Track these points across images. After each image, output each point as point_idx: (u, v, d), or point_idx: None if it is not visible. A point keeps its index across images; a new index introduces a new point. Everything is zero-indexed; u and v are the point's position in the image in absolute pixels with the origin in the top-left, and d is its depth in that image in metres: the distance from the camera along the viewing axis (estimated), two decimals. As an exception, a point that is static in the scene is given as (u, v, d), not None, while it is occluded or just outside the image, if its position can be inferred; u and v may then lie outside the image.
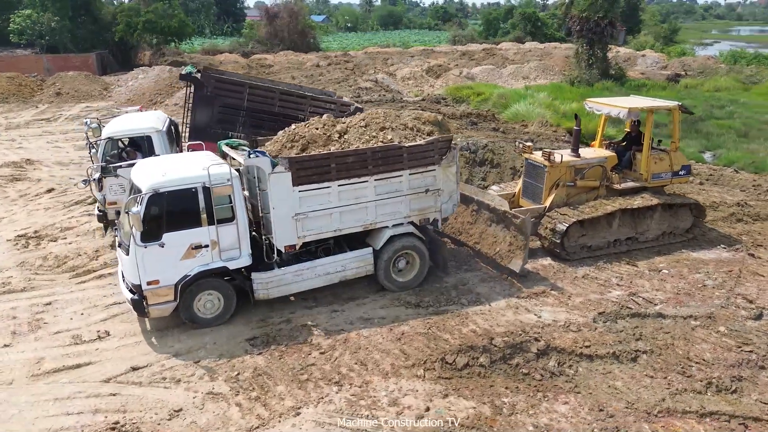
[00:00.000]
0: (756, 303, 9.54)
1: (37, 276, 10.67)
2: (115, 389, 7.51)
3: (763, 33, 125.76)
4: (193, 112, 12.22)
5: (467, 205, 11.28)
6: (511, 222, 10.26)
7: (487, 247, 10.71)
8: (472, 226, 11.18)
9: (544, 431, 6.72)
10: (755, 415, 6.89)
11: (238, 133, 12.50)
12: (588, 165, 11.67)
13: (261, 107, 13.06)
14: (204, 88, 12.70)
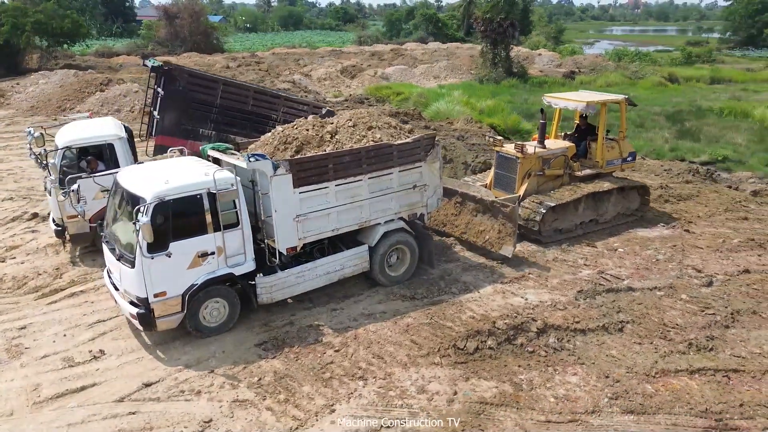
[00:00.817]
0: (704, 272, 10.80)
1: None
2: (133, 407, 7.20)
3: (633, 32, 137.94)
4: (162, 107, 11.67)
5: (450, 197, 11.80)
6: (500, 211, 10.90)
7: (475, 236, 11.31)
8: (457, 218, 11.76)
9: (564, 401, 7.31)
10: (733, 368, 7.90)
11: (209, 130, 12.14)
12: (554, 155, 12.61)
13: (234, 105, 12.77)
14: (176, 82, 12.21)
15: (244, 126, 12.34)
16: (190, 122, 12.14)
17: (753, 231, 12.90)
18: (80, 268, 10.96)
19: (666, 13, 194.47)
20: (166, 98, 11.77)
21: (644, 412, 7.06)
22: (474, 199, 11.50)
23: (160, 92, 11.97)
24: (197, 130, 11.93)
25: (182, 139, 11.39)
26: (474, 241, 11.37)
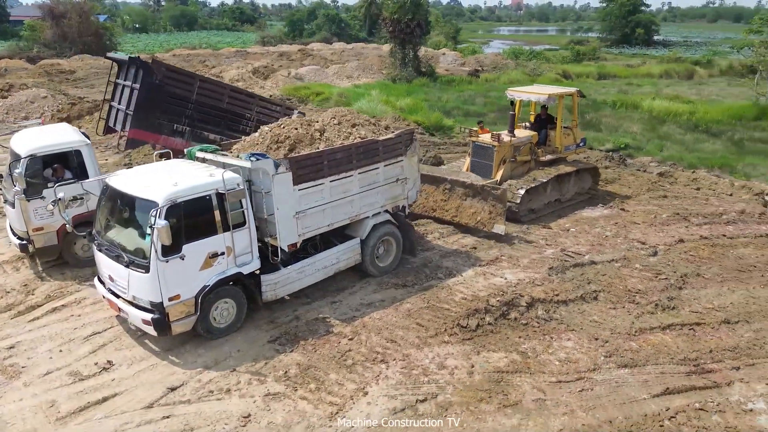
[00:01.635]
0: (647, 244, 12.22)
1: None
2: (165, 412, 7.16)
3: (519, 32, 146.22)
4: (138, 101, 11.25)
5: (438, 185, 12.56)
6: (490, 193, 11.90)
7: (467, 218, 12.24)
8: (446, 203, 12.61)
9: (567, 363, 8.17)
10: (695, 322, 9.16)
11: (183, 126, 11.86)
12: (522, 143, 13.74)
13: (209, 102, 12.55)
14: (153, 75, 11.80)
15: (218, 124, 12.23)
16: (165, 117, 11.84)
17: (674, 207, 14.66)
18: (51, 283, 10.41)
19: (546, 14, 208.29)
20: (141, 92, 11.38)
21: (636, 365, 8.07)
22: (464, 185, 12.50)
23: (133, 85, 11.54)
24: (172, 126, 11.66)
25: (156, 134, 11.11)
26: (466, 222, 12.34)
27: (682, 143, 23.70)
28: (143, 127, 10.79)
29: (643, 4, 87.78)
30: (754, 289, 10.25)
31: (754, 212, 14.31)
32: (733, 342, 8.60)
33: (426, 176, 12.80)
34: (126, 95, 11.86)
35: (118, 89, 12.28)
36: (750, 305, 9.65)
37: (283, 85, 39.33)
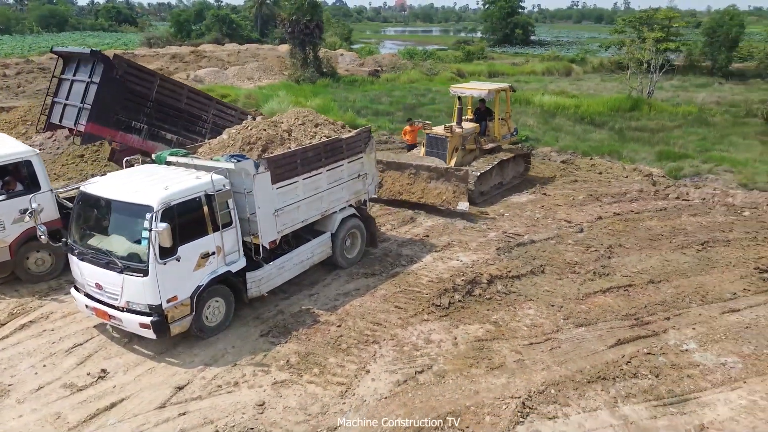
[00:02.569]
0: (573, 222, 13.80)
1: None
2: (180, 409, 7.35)
3: (405, 33, 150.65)
4: (96, 95, 10.89)
5: (403, 171, 13.98)
6: (453, 175, 13.31)
7: (433, 198, 13.65)
8: (412, 186, 13.89)
9: (534, 327, 9.28)
10: (627, 284, 10.67)
11: (141, 123, 11.65)
12: (469, 134, 15.17)
13: (168, 101, 12.39)
14: (114, 69, 11.54)
15: (176, 123, 12.18)
16: (124, 113, 11.58)
17: (586, 189, 16.52)
18: (8, 300, 9.96)
19: (430, 15, 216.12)
20: (101, 86, 11.07)
21: (589, 324, 9.35)
22: (429, 169, 13.86)
23: (91, 80, 11.17)
24: (129, 122, 11.44)
25: (113, 130, 10.92)
26: (432, 202, 13.72)
27: (573, 134, 26.17)
28: (101, 122, 10.58)
29: (519, 7, 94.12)
30: (666, 253, 12.03)
31: (649, 190, 16.50)
32: (661, 298, 10.17)
33: (391, 163, 14.24)
34: (77, 90, 11.46)
35: (64, 84, 11.84)
36: (666, 267, 11.37)
37: (187, 88, 38.12)
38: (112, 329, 8.91)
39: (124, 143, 11.01)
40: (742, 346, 8.68)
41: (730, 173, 19.26)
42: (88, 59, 11.57)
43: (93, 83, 11.03)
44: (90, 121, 10.60)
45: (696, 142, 24.66)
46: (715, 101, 36.30)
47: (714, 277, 10.91)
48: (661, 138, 25.50)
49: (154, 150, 11.65)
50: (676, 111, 32.22)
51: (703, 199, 15.89)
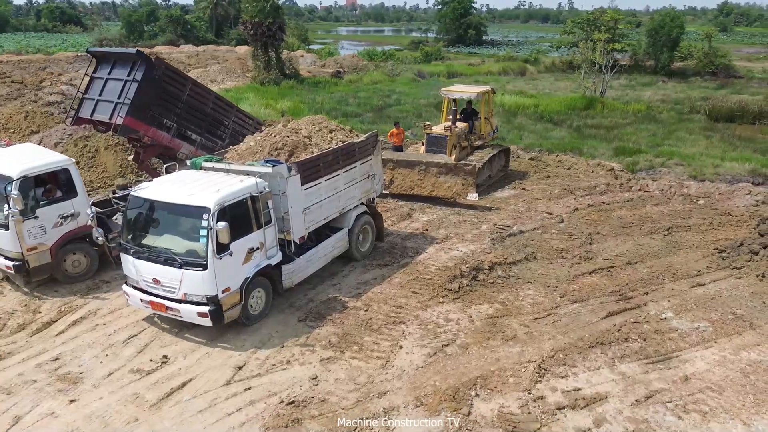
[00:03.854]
0: (554, 213, 15.31)
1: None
2: (245, 385, 8.33)
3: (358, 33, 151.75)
4: (136, 92, 11.72)
5: (413, 167, 15.38)
6: (462, 169, 14.92)
7: (444, 190, 15.19)
8: (422, 181, 15.33)
9: (536, 305, 10.64)
10: (609, 266, 12.19)
11: (172, 122, 12.48)
12: (463, 132, 16.71)
13: (196, 104, 13.26)
14: (154, 69, 12.38)
15: (201, 125, 13.08)
16: (158, 111, 12.40)
17: (559, 184, 18.11)
18: (52, 300, 10.63)
19: (381, 15, 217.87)
20: (142, 84, 11.92)
21: (582, 300, 10.78)
22: (438, 165, 15.39)
23: (132, 78, 11.96)
24: (162, 120, 12.29)
25: (147, 125, 11.80)
26: (443, 195, 15.23)
27: (535, 132, 27.93)
28: (137, 116, 11.44)
29: (472, 8, 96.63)
30: (638, 238, 13.65)
31: (615, 183, 18.25)
32: (638, 276, 11.73)
33: (401, 161, 15.67)
34: (112, 87, 12.23)
35: (96, 82, 12.62)
36: (640, 250, 12.97)
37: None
38: (160, 320, 9.77)
39: (155, 139, 11.86)
40: (710, 314, 10.28)
41: (681, 166, 21.30)
42: (126, 59, 12.34)
43: (135, 81, 11.78)
44: (128, 115, 11.42)
45: (647, 137, 26.85)
46: (660, 99, 38.96)
47: (681, 258, 12.57)
48: (616, 135, 27.59)
49: (180, 147, 12.48)
50: (627, 109, 34.58)
51: (662, 191, 17.72)
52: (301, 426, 7.52)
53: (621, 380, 8.44)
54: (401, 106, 35.99)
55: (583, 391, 8.17)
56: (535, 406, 7.88)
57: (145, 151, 12.85)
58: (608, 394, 8.13)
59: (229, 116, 14.01)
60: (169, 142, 12.20)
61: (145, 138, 11.83)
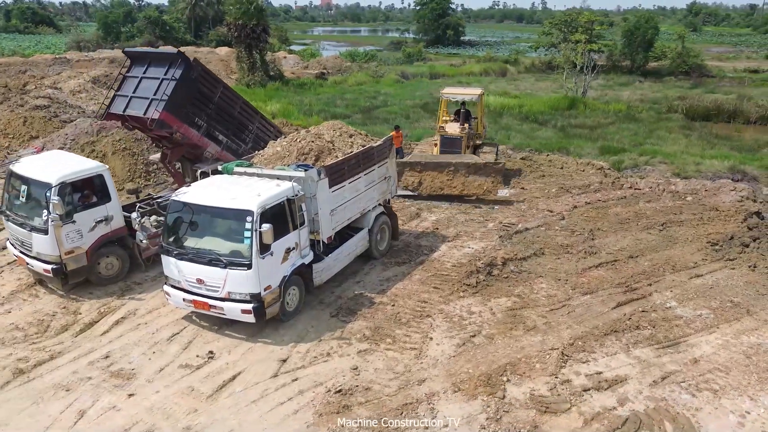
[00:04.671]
0: (554, 211, 16.11)
1: (39, 345, 9.62)
2: (291, 376, 8.87)
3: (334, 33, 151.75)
4: (174, 90, 12.24)
5: (442, 169, 16.28)
6: (492, 168, 15.92)
7: (475, 189, 16.19)
8: (452, 181, 16.21)
9: (550, 297, 11.37)
10: (612, 259, 12.99)
11: (202, 121, 12.98)
12: (469, 133, 17.50)
13: (225, 107, 13.76)
14: (192, 70, 12.90)
15: (228, 128, 13.61)
16: (191, 109, 12.90)
17: (555, 183, 18.93)
18: (89, 302, 11.01)
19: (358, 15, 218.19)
20: (179, 82, 12.44)
21: (592, 292, 11.55)
22: (467, 165, 16.21)
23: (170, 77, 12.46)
24: (194, 119, 12.80)
25: (180, 121, 12.30)
26: (474, 193, 16.23)
27: (522, 132, 28.78)
28: (173, 112, 11.98)
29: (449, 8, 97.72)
30: (636, 234, 14.51)
31: (607, 182, 19.15)
32: (641, 269, 12.55)
33: (429, 164, 16.46)
34: (146, 85, 12.72)
35: (129, 81, 13.11)
36: (639, 245, 13.82)
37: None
38: (199, 318, 10.26)
39: (186, 135, 12.37)
40: (710, 302, 11.14)
41: (665, 164, 22.37)
42: (165, 60, 12.86)
43: (173, 79, 12.27)
44: (165, 110, 11.90)
45: (629, 137, 27.97)
46: (638, 99, 40.27)
47: (678, 251, 13.44)
48: (600, 134, 28.66)
49: (207, 146, 12.97)
50: (608, 109, 35.73)
51: (651, 188, 18.66)
52: (352, 412, 8.10)
53: (637, 364, 9.20)
54: (389, 107, 36.49)
55: (604, 375, 8.91)
56: (563, 388, 8.59)
57: (172, 151, 13.31)
58: (627, 376, 8.88)
59: (253, 122, 14.49)
60: (198, 140, 12.72)
61: (176, 134, 12.31)
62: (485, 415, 8.06)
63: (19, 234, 11.05)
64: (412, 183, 16.62)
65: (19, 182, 11.07)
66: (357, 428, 7.78)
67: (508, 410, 8.15)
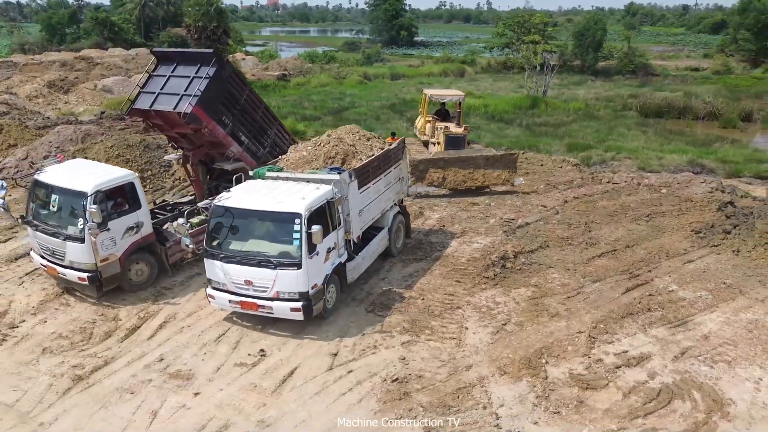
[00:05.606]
0: (548, 206, 17.08)
1: (88, 351, 9.72)
2: (346, 369, 9.36)
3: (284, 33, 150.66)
4: (207, 87, 12.44)
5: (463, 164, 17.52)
6: (508, 158, 17.53)
7: (494, 179, 17.58)
8: (473, 174, 17.50)
9: (565, 286, 12.21)
10: (612, 249, 13.98)
11: (229, 120, 13.19)
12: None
13: (249, 110, 13.95)
14: (224, 70, 13.11)
15: (249, 130, 13.87)
16: (219, 108, 13.08)
17: (540, 179, 19.97)
18: (127, 308, 11.14)
19: (306, 15, 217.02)
20: (212, 80, 12.62)
21: (601, 279, 12.49)
22: (486, 158, 17.78)
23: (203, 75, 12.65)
24: (221, 117, 13.02)
25: (209, 117, 12.50)
26: (494, 183, 17.82)
27: (491, 131, 29.81)
28: (204, 108, 12.17)
29: (402, 9, 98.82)
30: (627, 225, 15.62)
31: (587, 177, 20.34)
32: (639, 257, 13.61)
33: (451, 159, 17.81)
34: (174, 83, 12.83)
35: (155, 80, 13.18)
36: (632, 235, 14.91)
37: (90, 100, 37.39)
38: (240, 319, 10.59)
39: (213, 132, 12.59)
40: (706, 284, 12.25)
41: (630, 159, 23.87)
42: (194, 59, 13.08)
43: (206, 77, 12.45)
44: (197, 105, 12.08)
45: (592, 134, 29.54)
46: (593, 97, 42.23)
47: (667, 240, 14.61)
48: (564, 132, 30.09)
49: (231, 145, 13.21)
50: (568, 107, 37.40)
51: (626, 182, 19.93)
52: (412, 398, 8.67)
53: (656, 342, 10.15)
54: (357, 108, 36.95)
55: (630, 353, 9.80)
56: (598, 366, 9.42)
57: (194, 153, 13.45)
58: (650, 353, 9.80)
59: (272, 127, 14.79)
60: (224, 138, 12.95)
61: (204, 129, 12.51)
62: (534, 394, 8.78)
63: (49, 243, 11.03)
64: (437, 179, 17.66)
65: (48, 191, 11.07)
66: (423, 412, 8.35)
67: (554, 389, 8.90)
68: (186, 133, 13.31)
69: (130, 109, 13.19)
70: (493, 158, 18.22)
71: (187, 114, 11.94)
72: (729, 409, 8.44)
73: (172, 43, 70.79)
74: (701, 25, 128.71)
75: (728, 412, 8.37)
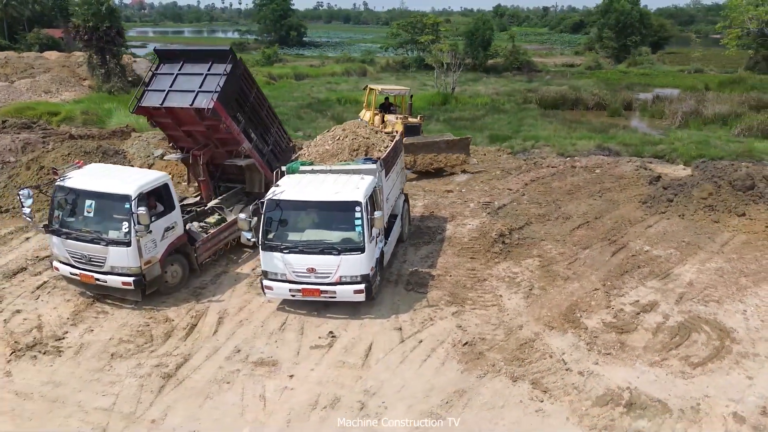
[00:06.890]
0: (513, 189, 18.77)
1: (159, 351, 9.65)
2: (416, 339, 10.19)
3: (156, 34, 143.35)
4: (224, 83, 12.48)
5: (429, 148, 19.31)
6: (461, 142, 19.50)
7: (454, 161, 19.47)
8: (437, 157, 19.68)
9: (563, 254, 13.84)
10: (584, 221, 15.90)
11: (241, 117, 13.20)
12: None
13: (257, 108, 13.94)
14: (238, 67, 13.13)
15: (256, 127, 13.90)
16: (234, 104, 13.09)
17: (492, 167, 21.76)
18: (171, 309, 11.08)
19: (179, 15, 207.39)
20: (229, 77, 12.62)
21: (588, 246, 14.26)
22: (447, 142, 19.71)
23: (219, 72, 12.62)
24: (236, 114, 13.02)
25: (227, 114, 12.55)
26: (453, 164, 19.70)
27: (416, 126, 31.41)
28: (223, 104, 12.11)
29: (290, 9, 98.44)
30: (586, 201, 17.65)
31: (530, 164, 22.47)
32: (609, 226, 15.61)
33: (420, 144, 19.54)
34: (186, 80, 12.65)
35: (160, 78, 12.82)
36: (594, 209, 16.94)
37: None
38: (292, 307, 11.01)
39: (229, 128, 12.64)
40: (670, 244, 14.46)
41: (548, 147, 26.48)
42: (204, 57, 13.00)
43: (224, 74, 12.38)
44: (218, 100, 12.09)
45: (505, 126, 32.12)
46: (494, 92, 45.44)
47: (624, 210, 16.83)
48: (480, 125, 32.45)
49: (243, 142, 13.29)
50: (476, 102, 40.13)
51: (563, 166, 22.31)
52: (487, 357, 9.71)
53: (656, 291, 12.02)
54: (277, 108, 36.78)
55: (641, 302, 11.56)
56: (623, 315, 11.05)
57: (203, 152, 13.30)
58: (656, 301, 11.63)
59: (274, 125, 14.97)
60: (238, 134, 13.03)
61: (222, 126, 12.55)
62: (583, 342, 10.18)
63: (84, 250, 10.62)
64: (408, 162, 18.68)
65: (79, 197, 10.65)
66: (504, 365, 9.42)
67: (597, 335, 10.37)
68: (193, 132, 13.25)
69: (137, 108, 12.92)
70: (451, 142, 20.52)
71: (210, 110, 12.00)
72: (734, 335, 10.39)
73: (42, 45, 65.51)
74: (562, 26, 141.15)
75: (734, 338, 10.31)
